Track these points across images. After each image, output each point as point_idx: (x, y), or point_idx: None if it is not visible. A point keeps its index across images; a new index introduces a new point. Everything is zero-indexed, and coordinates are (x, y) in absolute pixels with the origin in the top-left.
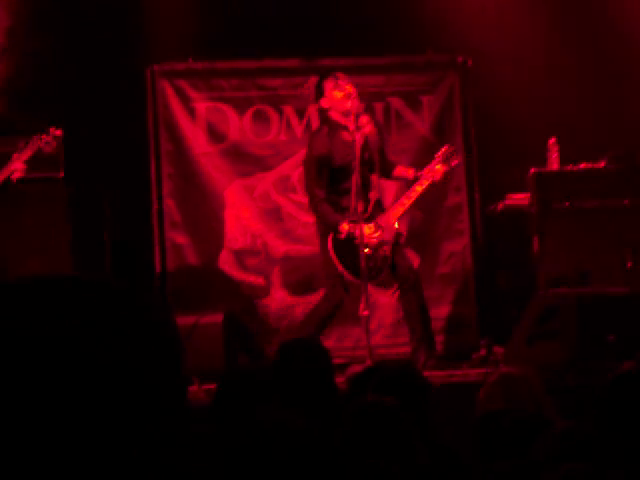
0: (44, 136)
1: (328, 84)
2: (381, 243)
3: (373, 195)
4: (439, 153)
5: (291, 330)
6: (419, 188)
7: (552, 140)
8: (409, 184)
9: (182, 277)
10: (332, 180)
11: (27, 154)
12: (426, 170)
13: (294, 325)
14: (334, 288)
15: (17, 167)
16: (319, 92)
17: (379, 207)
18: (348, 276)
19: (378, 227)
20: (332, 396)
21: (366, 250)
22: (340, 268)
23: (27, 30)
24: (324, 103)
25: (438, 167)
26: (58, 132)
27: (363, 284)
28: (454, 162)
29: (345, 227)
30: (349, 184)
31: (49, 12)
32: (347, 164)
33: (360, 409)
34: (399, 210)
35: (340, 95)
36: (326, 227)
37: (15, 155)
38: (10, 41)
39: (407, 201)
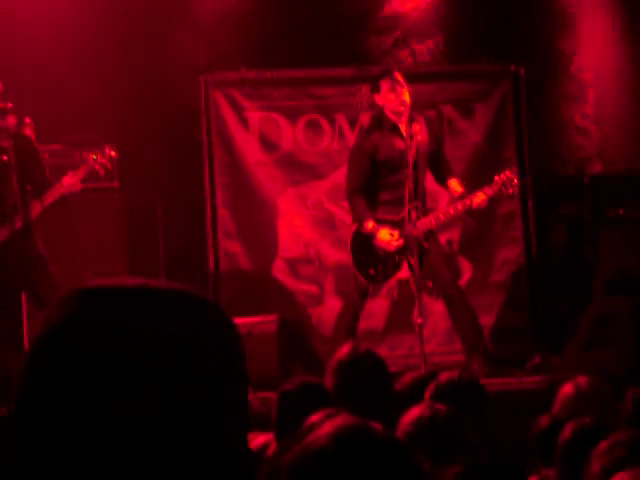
0: (99, 157)
1: (385, 84)
2: (397, 252)
3: (415, 202)
4: (497, 178)
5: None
6: (459, 208)
7: (602, 146)
8: (455, 200)
9: (236, 285)
10: (374, 174)
11: (81, 174)
12: (474, 196)
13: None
14: (351, 293)
15: (73, 188)
16: (375, 88)
17: (421, 214)
18: (357, 274)
19: (400, 235)
20: (392, 406)
21: (379, 252)
22: (351, 263)
23: (81, 42)
24: (378, 100)
25: (484, 194)
26: (113, 153)
27: (416, 293)
28: (510, 190)
29: (369, 225)
30: (390, 180)
31: (102, 24)
32: (390, 160)
33: (419, 417)
34: (429, 223)
35: (394, 99)
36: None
37: (70, 173)
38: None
39: (441, 217)
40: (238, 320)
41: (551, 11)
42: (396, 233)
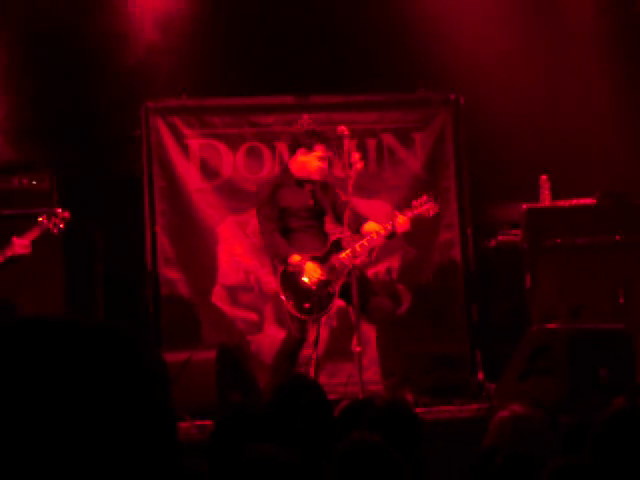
0: (53, 218)
1: (301, 149)
2: (327, 282)
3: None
4: (415, 202)
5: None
6: (382, 233)
7: (544, 176)
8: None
9: (175, 313)
10: (281, 220)
11: (33, 235)
12: (395, 219)
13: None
14: (289, 332)
15: (22, 251)
16: (292, 151)
17: (338, 247)
18: (293, 311)
19: (326, 265)
20: (330, 434)
21: (310, 285)
22: (285, 303)
23: (21, 68)
24: (292, 166)
25: (404, 216)
26: (66, 214)
27: (355, 322)
28: (432, 212)
29: (296, 258)
30: (304, 224)
31: (43, 50)
32: (294, 207)
33: (347, 446)
34: (354, 252)
35: (318, 167)
36: (278, 262)
37: (15, 239)
38: (4, 79)
39: (366, 244)
40: (177, 348)
41: (488, 39)
42: (319, 268)
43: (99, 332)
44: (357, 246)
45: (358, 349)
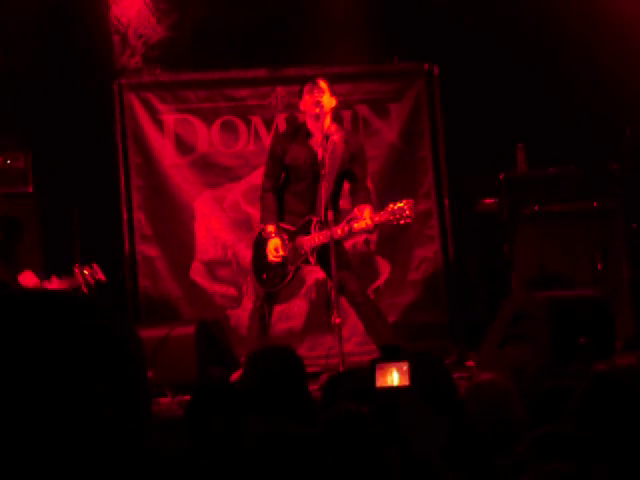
0: (88, 271)
1: (306, 87)
2: (284, 262)
3: (317, 215)
4: (390, 207)
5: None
6: (345, 230)
7: (520, 145)
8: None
9: (154, 289)
10: (285, 180)
11: (67, 284)
12: (360, 220)
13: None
14: (256, 294)
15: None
16: (299, 92)
17: (317, 228)
18: (253, 276)
19: (288, 246)
20: (305, 404)
21: (269, 261)
22: (250, 265)
23: None
24: (301, 105)
25: (370, 221)
26: (103, 278)
27: (335, 295)
28: (402, 221)
29: (270, 228)
30: (297, 188)
31: (15, 27)
32: (297, 167)
33: (332, 417)
34: (319, 240)
35: (309, 100)
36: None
37: (56, 278)
38: None
39: (333, 235)
40: (156, 324)
41: (464, 8)
42: (281, 248)
43: (72, 304)
44: (320, 237)
45: (338, 321)
